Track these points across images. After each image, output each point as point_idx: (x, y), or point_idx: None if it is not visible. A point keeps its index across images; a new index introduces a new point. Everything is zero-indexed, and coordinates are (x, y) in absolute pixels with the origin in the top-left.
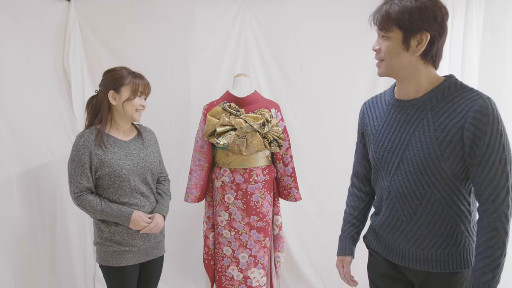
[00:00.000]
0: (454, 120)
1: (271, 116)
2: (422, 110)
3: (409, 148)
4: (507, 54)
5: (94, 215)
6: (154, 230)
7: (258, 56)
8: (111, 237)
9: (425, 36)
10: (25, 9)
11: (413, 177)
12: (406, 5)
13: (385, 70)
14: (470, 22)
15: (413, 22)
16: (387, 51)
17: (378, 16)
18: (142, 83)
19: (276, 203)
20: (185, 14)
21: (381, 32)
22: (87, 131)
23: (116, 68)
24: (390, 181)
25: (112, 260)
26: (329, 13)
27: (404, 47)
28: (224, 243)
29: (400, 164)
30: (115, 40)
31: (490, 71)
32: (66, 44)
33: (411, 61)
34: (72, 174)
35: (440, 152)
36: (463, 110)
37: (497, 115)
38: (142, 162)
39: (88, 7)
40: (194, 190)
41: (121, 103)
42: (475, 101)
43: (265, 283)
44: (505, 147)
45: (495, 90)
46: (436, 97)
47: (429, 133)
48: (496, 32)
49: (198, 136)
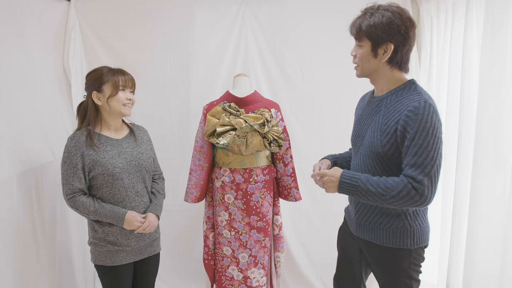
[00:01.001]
0: (394, 116)
1: (271, 116)
2: (379, 106)
3: (365, 136)
4: (507, 54)
5: (88, 216)
6: (147, 230)
7: (258, 56)
8: (105, 237)
9: (390, 46)
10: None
11: (364, 159)
12: (375, 20)
13: (360, 72)
14: (470, 22)
15: (379, 34)
16: (360, 58)
17: (353, 27)
18: (122, 77)
19: (276, 203)
20: (185, 14)
21: (356, 41)
22: (78, 133)
23: (96, 69)
24: (354, 159)
25: (107, 260)
26: (329, 13)
27: (373, 54)
28: (224, 243)
29: (360, 148)
30: (115, 40)
31: (490, 71)
32: (66, 44)
33: (379, 66)
34: (64, 176)
35: (381, 141)
36: (402, 108)
37: (428, 117)
38: (135, 160)
39: (88, 7)
40: (194, 190)
41: (105, 101)
42: (412, 103)
43: (265, 283)
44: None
45: (495, 90)
46: (391, 97)
47: (378, 125)
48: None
49: (198, 136)
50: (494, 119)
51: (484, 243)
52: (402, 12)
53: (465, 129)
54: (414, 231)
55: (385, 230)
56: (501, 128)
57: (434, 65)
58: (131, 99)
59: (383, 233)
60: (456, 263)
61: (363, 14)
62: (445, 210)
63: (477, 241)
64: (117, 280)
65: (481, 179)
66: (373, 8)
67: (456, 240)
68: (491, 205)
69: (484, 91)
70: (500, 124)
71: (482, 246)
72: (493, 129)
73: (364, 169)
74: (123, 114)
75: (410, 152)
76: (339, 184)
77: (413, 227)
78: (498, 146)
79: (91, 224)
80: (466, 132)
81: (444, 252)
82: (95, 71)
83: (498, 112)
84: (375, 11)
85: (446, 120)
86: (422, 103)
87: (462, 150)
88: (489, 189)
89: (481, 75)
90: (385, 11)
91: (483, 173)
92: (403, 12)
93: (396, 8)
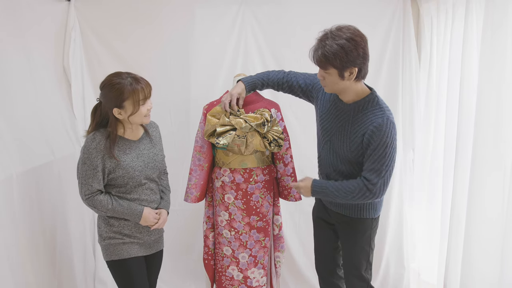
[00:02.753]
0: (361, 128)
1: (271, 116)
2: (348, 115)
3: (334, 136)
4: (506, 54)
5: (105, 214)
6: (161, 226)
7: (258, 56)
8: (121, 230)
9: (354, 69)
10: (25, 9)
11: (332, 153)
12: (335, 51)
13: (330, 91)
14: (470, 22)
15: (343, 63)
16: (329, 82)
17: (316, 58)
18: (141, 88)
19: (276, 203)
20: (185, 14)
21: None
22: (98, 134)
23: (112, 81)
24: (322, 148)
25: (123, 252)
26: (329, 14)
27: (340, 78)
28: (224, 243)
29: (328, 142)
30: (115, 40)
31: (489, 71)
32: (66, 44)
33: (346, 84)
34: (84, 176)
35: (350, 147)
36: (368, 123)
37: (389, 132)
38: (152, 162)
39: (88, 7)
40: (194, 190)
41: (127, 116)
42: (377, 119)
43: (265, 283)
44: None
45: (494, 90)
46: (358, 108)
47: (347, 132)
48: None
49: (198, 136)
50: (494, 119)
51: (482, 243)
52: (356, 36)
53: (464, 129)
54: (376, 203)
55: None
56: (500, 128)
57: (434, 65)
58: (150, 108)
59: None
60: (454, 262)
61: (322, 45)
62: (444, 210)
63: (475, 241)
64: (133, 272)
65: (480, 179)
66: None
67: (454, 239)
68: (489, 205)
69: (483, 91)
70: (499, 124)
71: (480, 245)
72: (492, 129)
73: (333, 160)
74: (143, 123)
75: (370, 159)
76: (312, 192)
77: (374, 202)
78: (497, 146)
79: (106, 220)
80: (465, 131)
81: (442, 252)
82: (113, 85)
83: (498, 112)
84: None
85: (446, 120)
86: (384, 120)
87: (460, 150)
88: (487, 189)
89: (481, 75)
90: (340, 40)
91: (482, 172)
92: (356, 36)
93: (349, 34)
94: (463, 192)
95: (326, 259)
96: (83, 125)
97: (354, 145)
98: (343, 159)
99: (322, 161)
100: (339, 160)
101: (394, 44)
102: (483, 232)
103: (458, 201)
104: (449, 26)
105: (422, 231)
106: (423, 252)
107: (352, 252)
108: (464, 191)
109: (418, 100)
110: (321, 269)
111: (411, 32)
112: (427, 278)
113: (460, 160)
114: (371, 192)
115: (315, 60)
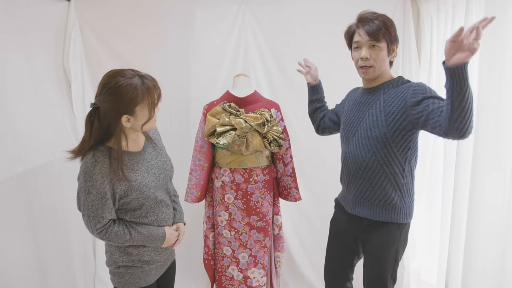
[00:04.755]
0: (399, 97)
1: (271, 116)
2: (377, 95)
3: (363, 121)
4: (506, 54)
5: (122, 244)
6: (180, 241)
7: (258, 56)
8: (140, 258)
9: (396, 46)
10: (25, 9)
11: (362, 142)
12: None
13: (376, 73)
14: (470, 22)
15: (392, 35)
16: (379, 59)
17: (372, 28)
18: (153, 87)
19: (276, 203)
20: (186, 14)
21: (372, 43)
22: (99, 154)
23: (120, 83)
24: (347, 145)
25: (141, 281)
26: (329, 14)
27: (388, 54)
28: (224, 243)
29: (356, 132)
30: (115, 40)
31: (489, 70)
32: (66, 44)
33: (387, 64)
34: (91, 208)
35: (386, 120)
36: (404, 90)
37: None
38: (163, 173)
39: (88, 7)
40: (194, 190)
41: (139, 125)
42: (412, 84)
43: (265, 283)
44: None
45: (494, 89)
46: (388, 86)
47: (379, 108)
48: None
49: (198, 136)
50: (494, 119)
51: (483, 243)
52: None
53: None
54: (407, 207)
55: (381, 206)
56: (500, 127)
57: (434, 65)
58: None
59: (379, 209)
60: (455, 263)
61: (374, 18)
62: (444, 210)
63: (476, 241)
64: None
65: (480, 179)
66: (373, 14)
67: (455, 240)
68: (490, 205)
69: (483, 90)
70: (499, 123)
71: (481, 246)
72: (492, 128)
73: (362, 151)
74: (152, 129)
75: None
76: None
77: (407, 203)
78: (497, 146)
79: (122, 248)
80: None
81: (443, 252)
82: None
83: (498, 112)
84: (378, 16)
85: None
86: (418, 82)
87: (461, 149)
88: (488, 189)
89: (481, 75)
90: (384, 16)
91: (482, 172)
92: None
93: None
94: (464, 192)
95: (337, 272)
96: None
97: (392, 116)
98: (378, 140)
99: (348, 158)
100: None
101: None
102: (484, 231)
103: (459, 201)
104: (449, 26)
105: (422, 231)
106: (423, 252)
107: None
108: (465, 190)
109: None
110: (330, 280)
111: (411, 32)
112: (427, 278)
113: (460, 159)
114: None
115: (370, 30)
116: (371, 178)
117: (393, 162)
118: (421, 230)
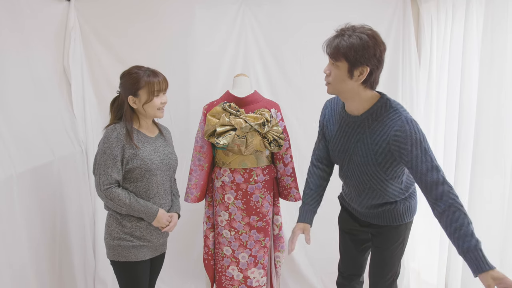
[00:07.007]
0: (383, 137)
1: (271, 116)
2: (362, 127)
3: (354, 154)
4: (506, 54)
5: (121, 209)
6: (171, 229)
7: (258, 56)
8: (132, 232)
9: (366, 69)
10: (25, 9)
11: (357, 173)
12: (353, 42)
13: (332, 91)
14: (470, 22)
15: (357, 57)
16: (334, 77)
17: (330, 47)
18: (157, 81)
19: (276, 203)
20: (185, 14)
21: (331, 60)
22: (118, 126)
23: (131, 71)
24: (345, 170)
25: (131, 255)
26: (329, 13)
27: (349, 75)
28: (224, 243)
29: (349, 162)
30: (115, 40)
31: (490, 70)
32: (66, 44)
33: (353, 86)
34: (103, 166)
35: (375, 159)
36: (388, 129)
37: (414, 128)
38: (166, 159)
39: (88, 7)
40: (194, 190)
41: (141, 105)
42: (395, 123)
43: (265, 283)
44: (426, 149)
45: (494, 89)
46: (371, 117)
47: (367, 145)
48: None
49: (198, 136)
50: (494, 119)
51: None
52: (377, 36)
53: (465, 129)
54: (411, 206)
55: (388, 215)
56: (500, 128)
57: (434, 65)
58: (165, 102)
59: (386, 217)
60: (455, 262)
61: (340, 35)
62: None
63: None
64: (138, 276)
65: (480, 179)
66: (349, 29)
67: None
68: (490, 205)
69: (483, 90)
70: (499, 124)
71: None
72: (492, 129)
73: (358, 180)
74: (157, 117)
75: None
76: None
77: (411, 204)
78: (497, 146)
79: (118, 220)
80: (465, 131)
81: (442, 252)
82: (131, 73)
83: (498, 112)
84: (352, 33)
85: (446, 120)
86: (403, 120)
87: (461, 150)
88: (488, 189)
89: (481, 75)
90: (361, 34)
91: (482, 172)
92: (377, 36)
93: (370, 32)
94: (463, 191)
95: (354, 265)
96: (83, 125)
97: (381, 156)
98: (371, 175)
99: (347, 181)
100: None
101: (394, 44)
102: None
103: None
104: (449, 26)
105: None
106: (423, 252)
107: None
108: (465, 190)
109: (418, 100)
110: (344, 271)
111: (411, 32)
112: (427, 278)
113: (460, 159)
114: (451, 187)
115: (328, 48)
116: (372, 196)
117: (389, 188)
118: (421, 230)
